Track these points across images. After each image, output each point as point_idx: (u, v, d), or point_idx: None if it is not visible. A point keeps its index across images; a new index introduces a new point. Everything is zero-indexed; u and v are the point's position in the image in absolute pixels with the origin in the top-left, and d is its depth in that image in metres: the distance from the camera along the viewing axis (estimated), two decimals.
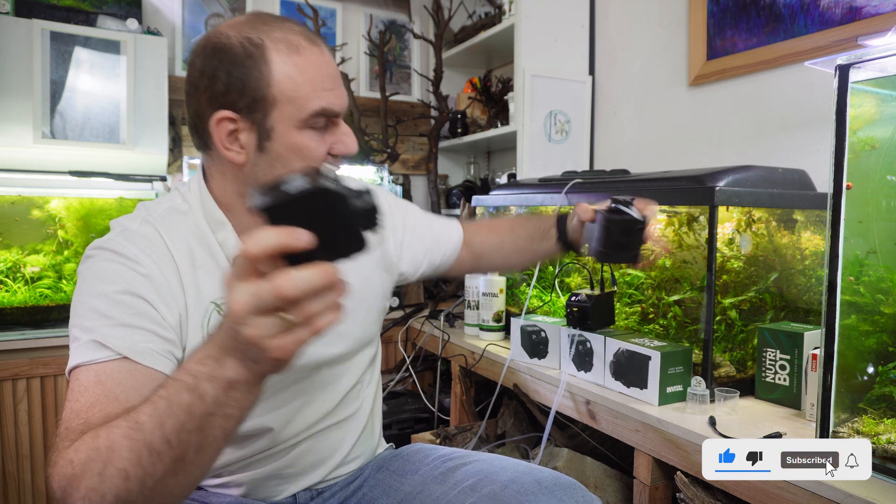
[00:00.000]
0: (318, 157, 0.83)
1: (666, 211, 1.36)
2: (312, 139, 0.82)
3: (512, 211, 1.90)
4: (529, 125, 2.22)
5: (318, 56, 0.82)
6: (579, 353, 1.36)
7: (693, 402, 1.15)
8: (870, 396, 0.95)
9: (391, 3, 2.87)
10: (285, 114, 0.80)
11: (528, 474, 0.83)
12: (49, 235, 1.93)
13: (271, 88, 0.79)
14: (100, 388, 0.71)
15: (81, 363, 0.73)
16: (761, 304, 1.31)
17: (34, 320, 1.86)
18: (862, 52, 0.87)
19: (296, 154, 0.82)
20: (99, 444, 0.60)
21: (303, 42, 0.81)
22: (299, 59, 0.80)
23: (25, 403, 1.77)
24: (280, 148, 0.82)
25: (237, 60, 0.78)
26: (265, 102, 0.80)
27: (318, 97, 0.81)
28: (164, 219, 0.87)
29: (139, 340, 0.76)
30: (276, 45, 0.79)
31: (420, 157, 2.91)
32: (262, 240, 0.49)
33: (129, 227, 0.85)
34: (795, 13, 1.61)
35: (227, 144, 0.82)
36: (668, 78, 2.01)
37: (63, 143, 1.90)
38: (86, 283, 0.80)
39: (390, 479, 0.99)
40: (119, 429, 0.59)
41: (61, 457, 0.62)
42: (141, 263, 0.80)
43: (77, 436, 0.64)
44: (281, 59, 0.79)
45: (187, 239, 0.86)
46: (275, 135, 0.81)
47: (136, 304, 0.78)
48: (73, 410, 0.69)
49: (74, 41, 1.92)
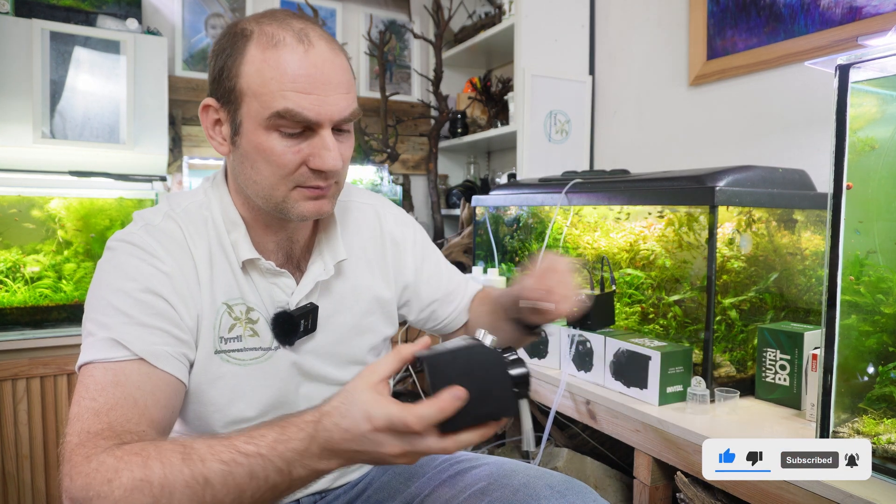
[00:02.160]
0: (288, 166, 0.77)
1: (660, 212, 1.36)
2: (279, 144, 0.77)
3: (512, 211, 1.90)
4: (529, 125, 2.22)
5: (300, 55, 0.75)
6: (579, 353, 1.36)
7: (693, 403, 1.15)
8: (870, 396, 0.95)
9: (391, 3, 2.87)
10: (252, 110, 0.77)
11: (540, 479, 0.82)
12: (49, 235, 1.93)
13: (240, 80, 0.77)
14: (119, 389, 0.70)
15: (97, 360, 0.72)
16: (761, 304, 1.31)
17: (34, 320, 1.86)
18: (862, 52, 0.87)
19: (261, 156, 0.78)
20: (150, 478, 0.59)
21: (288, 38, 0.75)
22: (273, 54, 0.75)
23: (25, 403, 1.76)
24: (247, 146, 0.79)
25: (225, 48, 0.78)
26: (235, 94, 0.78)
27: (283, 97, 0.75)
28: (187, 215, 0.85)
29: (157, 342, 0.75)
30: (259, 38, 0.76)
31: (420, 157, 2.91)
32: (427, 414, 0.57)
33: (152, 222, 0.83)
34: (795, 13, 1.61)
35: (212, 133, 0.82)
36: (668, 78, 2.01)
37: (63, 143, 1.90)
38: (105, 277, 0.78)
39: (395, 481, 0.97)
40: (180, 474, 0.59)
41: (92, 468, 0.60)
42: (162, 260, 0.79)
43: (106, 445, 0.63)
44: (256, 51, 0.76)
45: (207, 237, 0.84)
46: (243, 130, 0.79)
47: (156, 303, 0.76)
48: (92, 410, 0.67)
49: (74, 41, 1.92)
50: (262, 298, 0.86)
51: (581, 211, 1.58)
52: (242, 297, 0.84)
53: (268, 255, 0.87)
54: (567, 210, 1.60)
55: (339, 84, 0.77)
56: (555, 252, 1.62)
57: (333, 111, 0.77)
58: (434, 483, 0.91)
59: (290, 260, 0.90)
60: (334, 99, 0.77)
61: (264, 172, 0.78)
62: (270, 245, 0.88)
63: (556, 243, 1.65)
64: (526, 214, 1.84)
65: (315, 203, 0.81)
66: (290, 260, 0.90)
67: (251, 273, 0.86)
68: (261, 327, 0.85)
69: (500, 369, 0.58)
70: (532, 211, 1.80)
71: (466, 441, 0.59)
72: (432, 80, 2.67)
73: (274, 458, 0.60)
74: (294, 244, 0.90)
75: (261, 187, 0.80)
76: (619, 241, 1.49)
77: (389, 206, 1.06)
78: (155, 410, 0.71)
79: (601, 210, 1.54)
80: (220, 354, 0.83)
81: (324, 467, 0.61)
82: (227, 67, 0.78)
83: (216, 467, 0.59)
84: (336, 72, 0.78)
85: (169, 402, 0.74)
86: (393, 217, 1.04)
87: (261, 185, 0.79)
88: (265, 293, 0.86)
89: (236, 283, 0.84)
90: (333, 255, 0.91)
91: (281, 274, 0.86)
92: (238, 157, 0.81)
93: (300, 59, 0.75)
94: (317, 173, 0.79)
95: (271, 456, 0.60)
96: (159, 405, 0.72)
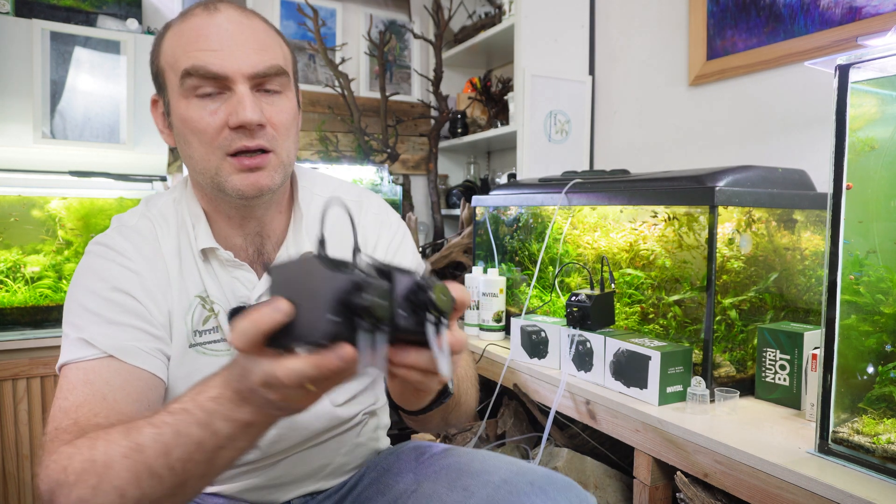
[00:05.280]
0: (207, 130, 0.76)
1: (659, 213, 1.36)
2: (198, 109, 0.76)
3: (512, 211, 1.90)
4: (529, 125, 2.22)
5: (204, 19, 0.76)
6: (579, 353, 1.36)
7: (693, 402, 1.15)
8: (870, 396, 0.95)
9: (391, 3, 2.87)
10: (171, 83, 0.78)
11: (522, 475, 0.81)
12: (49, 235, 1.93)
13: (160, 60, 0.79)
14: (88, 387, 0.72)
15: (70, 361, 0.74)
16: (761, 304, 1.31)
17: (34, 320, 1.86)
18: (862, 52, 0.87)
19: (187, 128, 0.77)
20: (95, 457, 0.60)
21: (197, 10, 0.78)
22: (181, 25, 0.78)
23: (25, 403, 1.77)
24: (176, 123, 0.79)
25: (153, 43, 0.82)
26: (160, 77, 0.80)
27: (188, 57, 0.75)
28: (160, 212, 0.87)
29: (126, 339, 0.76)
30: (174, 20, 0.79)
31: (420, 157, 2.91)
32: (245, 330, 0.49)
33: (126, 223, 0.85)
34: (795, 13, 1.61)
35: (161, 126, 0.84)
36: (668, 78, 2.01)
37: (63, 142, 1.90)
38: (78, 280, 0.80)
39: (385, 477, 0.96)
40: (118, 446, 0.59)
41: (52, 460, 0.62)
42: (131, 259, 0.81)
43: (68, 438, 0.64)
44: (170, 31, 0.79)
45: (178, 233, 0.86)
46: (171, 109, 0.80)
47: (125, 301, 0.78)
48: (62, 409, 0.69)
49: (74, 41, 1.92)
50: (224, 291, 0.86)
51: (581, 210, 1.59)
52: (206, 289, 0.85)
53: (236, 251, 0.87)
54: (567, 210, 1.60)
55: (247, 40, 0.77)
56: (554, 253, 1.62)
57: (243, 64, 0.75)
58: (420, 478, 0.90)
59: (259, 256, 0.89)
60: (243, 53, 0.76)
61: (194, 144, 0.78)
62: (237, 239, 0.87)
63: (556, 243, 1.65)
64: (526, 214, 1.84)
65: (249, 176, 0.78)
66: (259, 256, 0.89)
67: (213, 264, 0.86)
68: (222, 319, 0.85)
69: (327, 286, 0.48)
70: (532, 211, 1.80)
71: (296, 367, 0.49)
72: (432, 80, 2.67)
73: (195, 409, 0.57)
74: (265, 239, 0.89)
75: (195, 162, 0.79)
76: (618, 241, 1.49)
77: (375, 202, 1.02)
78: (125, 405, 0.72)
79: (601, 210, 1.54)
80: (194, 348, 0.84)
81: (241, 417, 0.55)
82: (151, 54, 0.82)
83: (148, 431, 0.58)
84: (244, 30, 0.77)
85: (142, 395, 0.75)
86: (374, 213, 0.99)
87: (195, 159, 0.79)
88: (227, 286, 0.86)
89: (199, 275, 0.85)
90: (298, 248, 0.90)
91: (240, 266, 0.86)
92: (178, 141, 0.81)
93: (204, 21, 0.76)
94: (238, 132, 0.76)
95: (192, 408, 0.57)
96: (130, 399, 0.73)
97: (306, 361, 0.49)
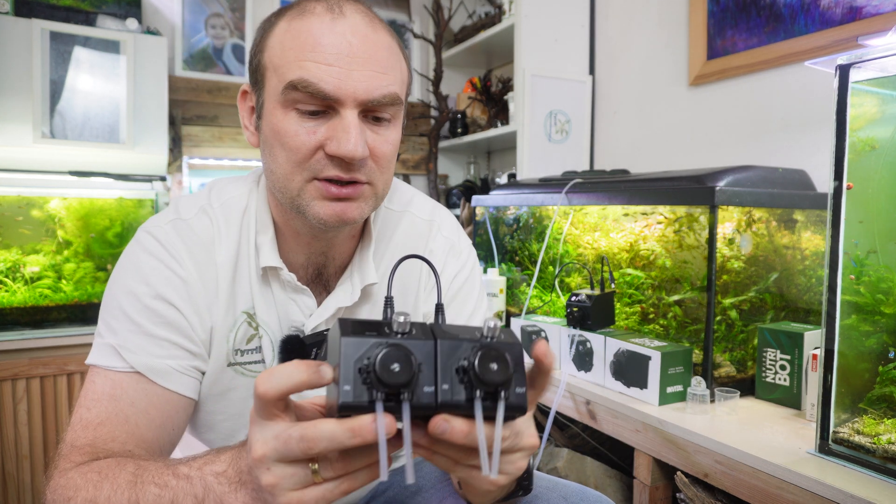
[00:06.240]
0: (301, 149, 0.67)
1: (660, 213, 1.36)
2: (295, 124, 0.67)
3: (512, 211, 1.90)
4: (529, 125, 2.22)
5: (325, 23, 0.66)
6: (579, 353, 1.36)
7: (693, 403, 1.15)
8: (870, 396, 0.95)
9: (391, 3, 2.86)
10: (271, 87, 0.68)
11: (553, 489, 0.77)
12: (49, 235, 1.93)
13: (264, 55, 0.69)
14: (113, 403, 0.69)
15: (99, 364, 0.71)
16: (761, 304, 1.31)
17: (34, 320, 1.86)
18: (862, 52, 0.87)
19: (277, 139, 0.68)
20: (98, 500, 0.58)
21: (319, 8, 0.67)
22: (298, 23, 0.66)
23: (25, 403, 1.76)
24: (266, 129, 0.70)
25: (261, 27, 0.72)
26: (260, 71, 0.70)
27: (299, 67, 0.65)
28: (224, 210, 0.78)
29: (161, 355, 0.72)
30: (290, 10, 0.68)
31: (420, 157, 2.91)
32: (276, 379, 0.44)
33: (184, 215, 0.76)
34: (795, 13, 1.61)
35: (246, 123, 0.75)
36: (668, 78, 2.01)
37: (63, 142, 1.90)
38: (121, 274, 0.74)
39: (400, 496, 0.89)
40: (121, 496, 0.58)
41: (60, 484, 0.61)
42: (180, 263, 0.74)
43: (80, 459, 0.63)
44: (284, 23, 0.68)
45: (238, 240, 0.77)
46: (264, 112, 0.70)
47: (166, 311, 0.72)
48: (83, 420, 0.67)
49: (74, 41, 1.92)
50: (278, 313, 0.78)
51: (581, 210, 1.58)
52: (254, 306, 0.77)
53: (296, 269, 0.79)
54: (567, 210, 1.60)
55: (368, 59, 0.66)
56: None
57: (358, 88, 0.65)
58: (441, 495, 0.84)
59: (320, 278, 0.81)
60: (361, 75, 0.65)
61: (279, 159, 0.69)
62: (300, 258, 0.79)
63: (556, 243, 1.65)
64: (526, 214, 1.84)
65: (335, 205, 0.69)
66: (320, 278, 0.81)
67: (272, 283, 0.78)
68: (265, 343, 0.78)
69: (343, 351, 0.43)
70: (532, 211, 1.80)
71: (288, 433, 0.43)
72: (432, 80, 2.67)
73: (197, 481, 0.53)
74: (328, 261, 0.81)
75: (277, 177, 0.70)
76: (619, 241, 1.49)
77: (447, 222, 0.90)
78: (147, 430, 0.70)
79: (601, 209, 1.54)
80: (233, 367, 0.78)
81: (231, 501, 0.51)
82: (256, 43, 0.72)
83: (151, 490, 0.56)
84: (368, 47, 0.66)
85: (167, 420, 0.72)
86: (445, 237, 0.88)
87: (277, 174, 0.70)
88: (281, 308, 0.78)
89: (251, 291, 0.77)
90: (363, 277, 0.80)
91: (302, 291, 0.78)
92: (262, 147, 0.73)
93: (325, 27, 0.65)
94: (334, 161, 0.67)
95: (195, 478, 0.53)
96: (153, 425, 0.70)
97: (297, 428, 0.43)
